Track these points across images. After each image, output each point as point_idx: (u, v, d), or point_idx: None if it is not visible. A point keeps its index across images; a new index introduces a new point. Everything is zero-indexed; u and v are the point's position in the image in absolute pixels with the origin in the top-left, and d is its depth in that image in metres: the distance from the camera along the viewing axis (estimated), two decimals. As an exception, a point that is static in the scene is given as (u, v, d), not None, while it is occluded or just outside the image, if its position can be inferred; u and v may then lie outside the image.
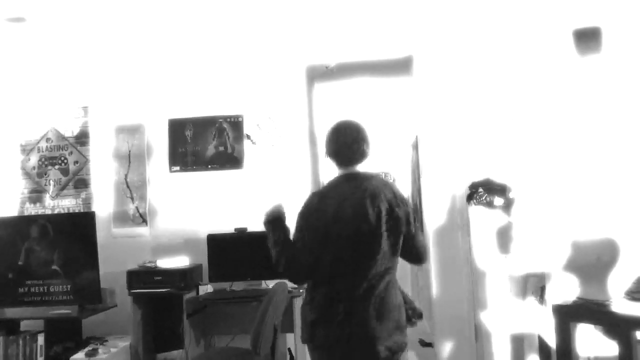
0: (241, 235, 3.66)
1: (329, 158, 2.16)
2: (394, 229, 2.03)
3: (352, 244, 1.98)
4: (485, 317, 3.36)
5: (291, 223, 2.10)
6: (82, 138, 4.03)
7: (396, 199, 2.05)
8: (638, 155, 2.86)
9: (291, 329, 3.40)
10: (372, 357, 1.96)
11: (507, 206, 3.21)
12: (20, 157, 4.07)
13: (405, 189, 6.42)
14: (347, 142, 2.09)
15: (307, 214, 2.04)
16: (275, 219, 2.08)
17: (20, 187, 4.06)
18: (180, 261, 3.55)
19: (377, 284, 1.99)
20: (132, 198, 3.95)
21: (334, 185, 2.10)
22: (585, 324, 2.36)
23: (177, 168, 3.94)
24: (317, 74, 5.11)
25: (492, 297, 3.31)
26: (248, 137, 3.88)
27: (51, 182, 4.04)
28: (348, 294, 1.98)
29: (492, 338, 3.19)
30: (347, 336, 1.96)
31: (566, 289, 2.73)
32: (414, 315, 2.15)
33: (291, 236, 2.07)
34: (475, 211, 3.43)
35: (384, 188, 2.06)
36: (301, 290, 3.44)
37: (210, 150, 3.92)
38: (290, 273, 2.03)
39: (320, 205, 2.03)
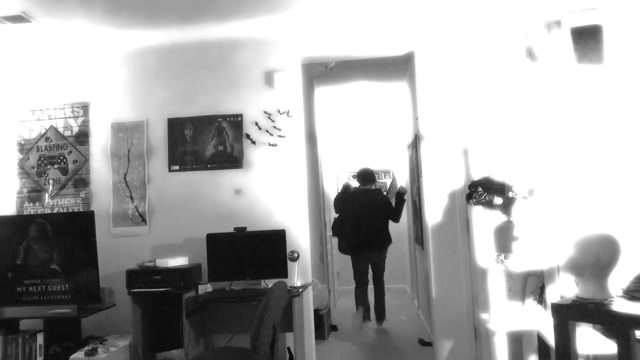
0: (240, 235, 3.66)
1: (356, 181, 5.31)
2: (382, 212, 5.14)
3: (359, 218, 5.10)
4: (485, 317, 3.36)
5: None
6: (81, 137, 4.03)
7: (383, 200, 5.22)
8: (636, 152, 2.85)
9: (290, 328, 3.40)
10: (373, 251, 5.12)
11: (507, 205, 3.21)
12: (18, 156, 4.07)
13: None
14: (365, 176, 5.26)
15: (342, 202, 5.35)
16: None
17: (20, 186, 4.05)
18: (179, 260, 3.55)
19: (373, 230, 5.05)
20: (131, 197, 3.95)
21: (356, 192, 5.25)
22: (584, 323, 2.36)
23: (177, 167, 3.94)
24: (317, 73, 5.12)
25: (491, 296, 3.31)
26: (248, 136, 3.88)
27: (50, 181, 4.03)
28: (357, 233, 5.06)
29: (492, 337, 3.19)
30: (357, 245, 5.12)
31: (565, 288, 2.73)
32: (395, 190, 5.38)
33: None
34: (476, 210, 3.43)
35: (378, 196, 5.23)
36: (300, 289, 3.46)
37: (210, 149, 3.92)
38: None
39: (347, 200, 5.29)
